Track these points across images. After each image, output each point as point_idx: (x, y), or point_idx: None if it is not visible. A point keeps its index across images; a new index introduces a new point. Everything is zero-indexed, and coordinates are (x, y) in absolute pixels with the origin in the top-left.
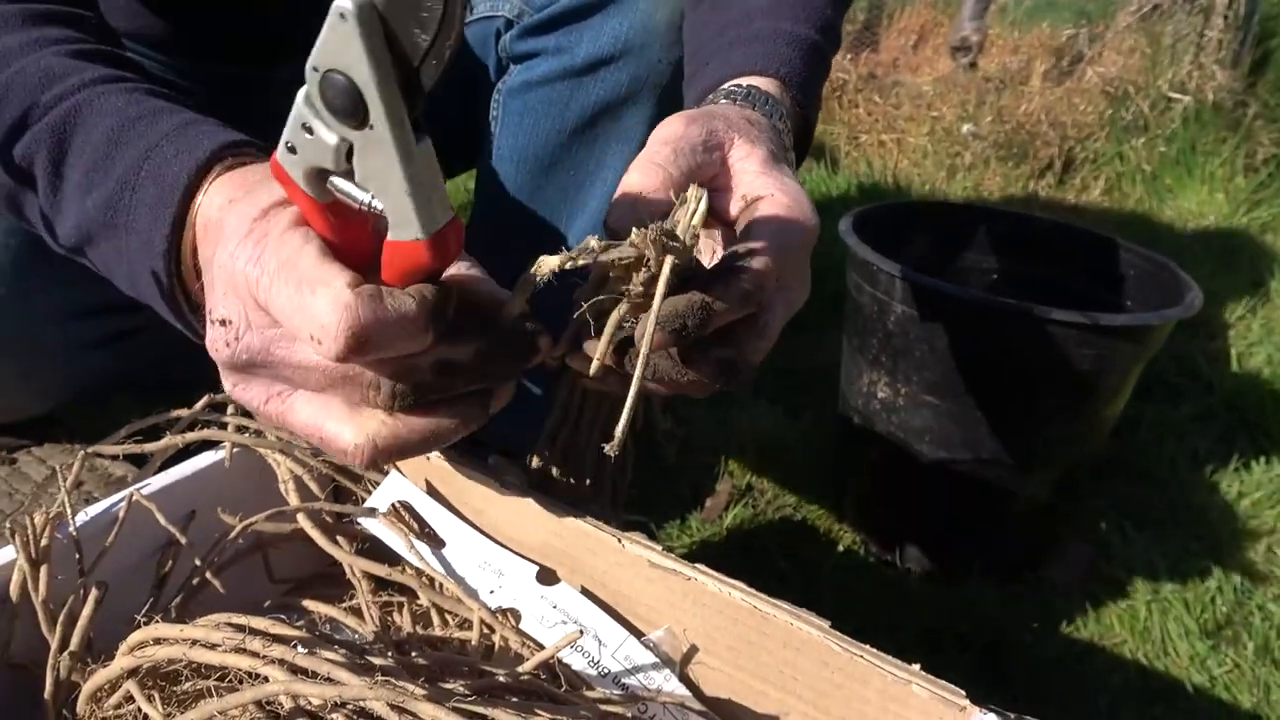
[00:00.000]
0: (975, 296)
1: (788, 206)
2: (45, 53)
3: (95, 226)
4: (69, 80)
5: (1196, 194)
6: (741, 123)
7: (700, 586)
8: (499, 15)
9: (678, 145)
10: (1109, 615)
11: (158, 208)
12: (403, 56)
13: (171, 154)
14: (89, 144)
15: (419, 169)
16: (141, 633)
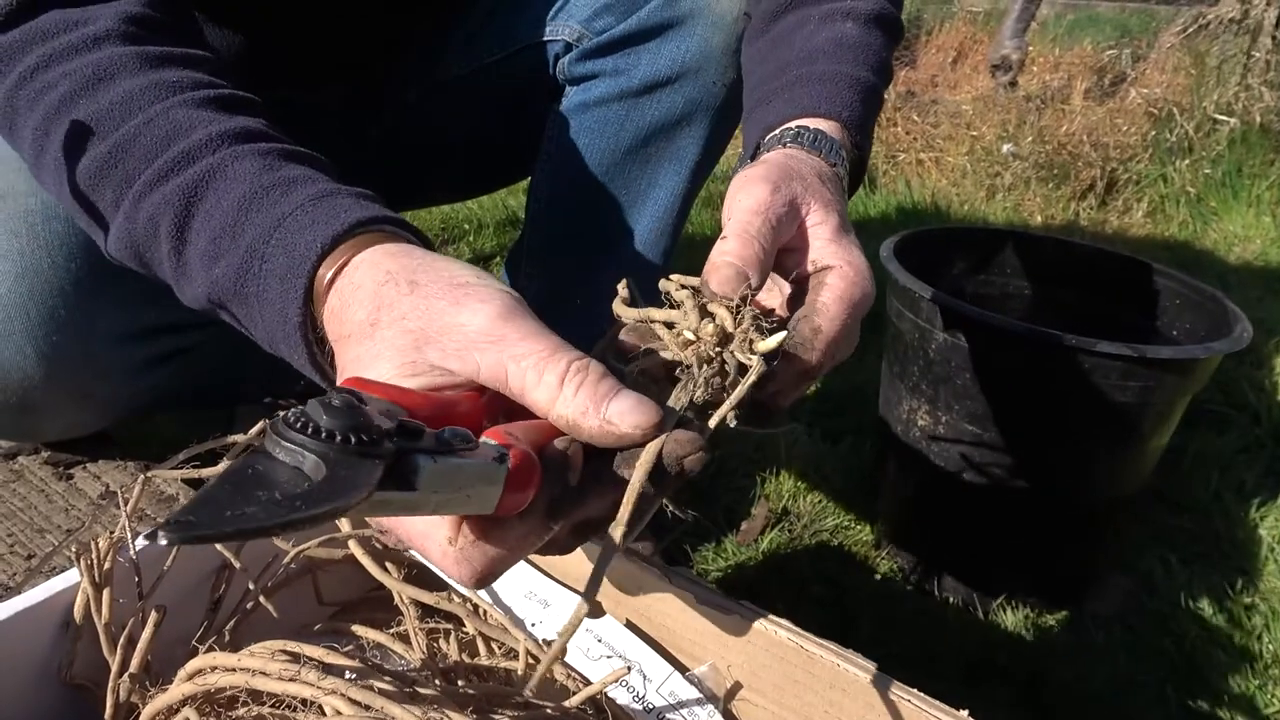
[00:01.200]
0: (1018, 327)
1: (853, 281)
2: (172, 101)
3: (225, 295)
4: (195, 135)
5: (1242, 217)
6: (815, 182)
7: (745, 624)
8: (559, 39)
9: (767, 217)
10: (1151, 650)
11: (288, 279)
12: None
13: (306, 222)
14: (218, 211)
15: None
16: (199, 660)
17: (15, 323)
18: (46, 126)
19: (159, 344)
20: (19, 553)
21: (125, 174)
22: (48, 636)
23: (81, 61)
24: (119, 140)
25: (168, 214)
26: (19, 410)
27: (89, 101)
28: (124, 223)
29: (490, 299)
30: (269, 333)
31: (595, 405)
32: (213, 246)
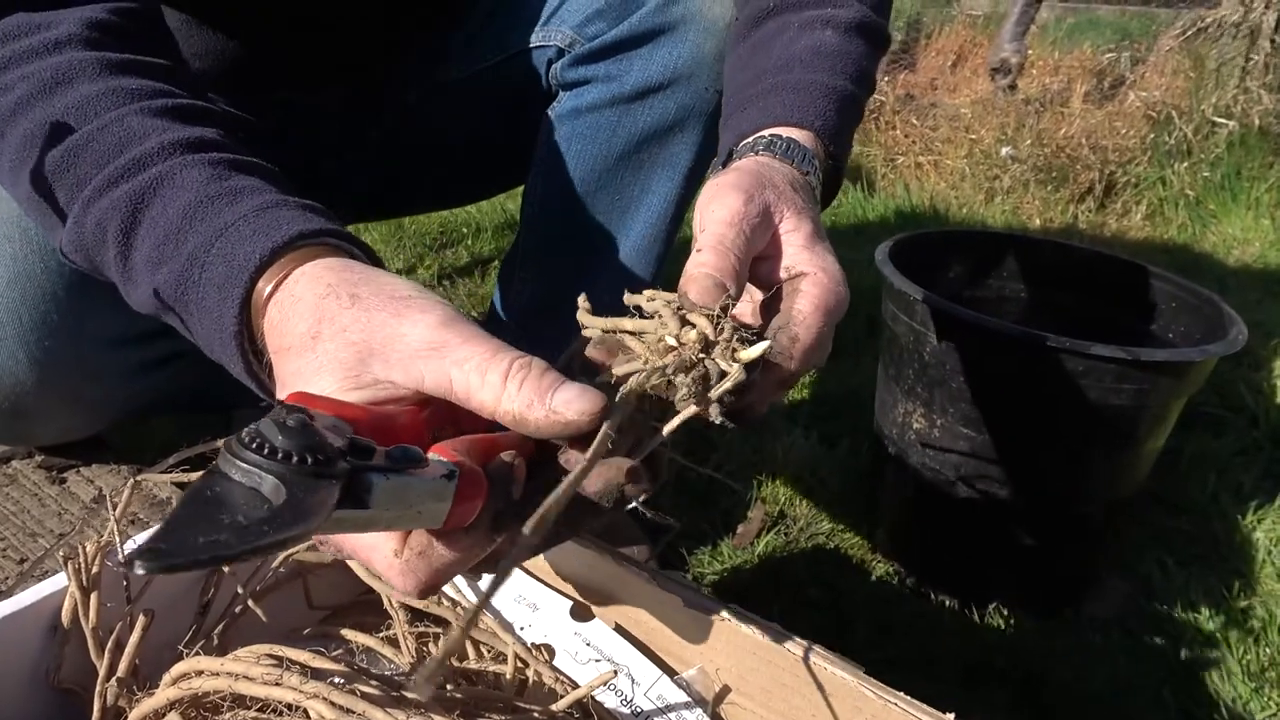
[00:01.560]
0: (1013, 330)
1: (828, 288)
2: (128, 109)
3: (168, 300)
4: (148, 142)
5: (1241, 220)
6: (788, 190)
7: (733, 627)
8: (551, 44)
9: (741, 227)
10: (1149, 653)
11: (226, 288)
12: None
13: (248, 233)
14: (164, 217)
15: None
16: (185, 664)
17: (7, 327)
18: (2, 128)
19: (152, 348)
20: (11, 557)
21: (77, 178)
22: (36, 640)
23: (41, 65)
24: (72, 144)
25: (115, 219)
26: (11, 415)
27: (45, 105)
28: (74, 226)
29: (430, 309)
30: (207, 340)
31: (540, 397)
32: (156, 252)
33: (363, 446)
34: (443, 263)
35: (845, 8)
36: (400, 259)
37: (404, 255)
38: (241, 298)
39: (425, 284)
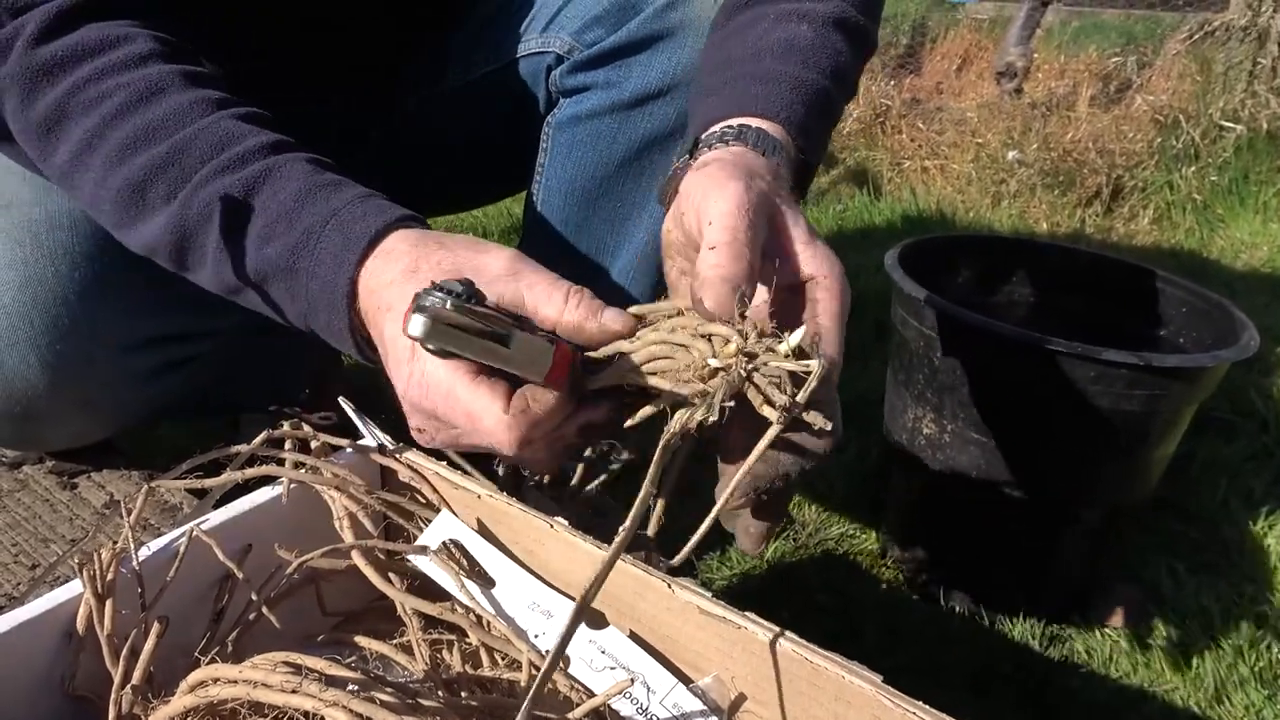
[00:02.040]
0: (1024, 335)
1: (838, 294)
2: (220, 114)
3: (272, 271)
4: (248, 141)
5: (1249, 224)
6: (774, 183)
7: (750, 635)
8: (549, 51)
9: (750, 220)
10: (1160, 660)
11: (342, 254)
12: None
13: (359, 214)
14: (274, 201)
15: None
16: (201, 671)
17: (19, 331)
18: (101, 130)
19: (163, 353)
20: (23, 562)
21: (182, 170)
22: (50, 648)
23: (134, 75)
24: (176, 143)
25: (227, 202)
26: (23, 419)
27: (146, 110)
28: (178, 210)
29: (503, 249)
30: (310, 303)
31: (593, 314)
32: (267, 230)
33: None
34: None
35: (824, 2)
36: None
37: None
38: (355, 262)
39: None
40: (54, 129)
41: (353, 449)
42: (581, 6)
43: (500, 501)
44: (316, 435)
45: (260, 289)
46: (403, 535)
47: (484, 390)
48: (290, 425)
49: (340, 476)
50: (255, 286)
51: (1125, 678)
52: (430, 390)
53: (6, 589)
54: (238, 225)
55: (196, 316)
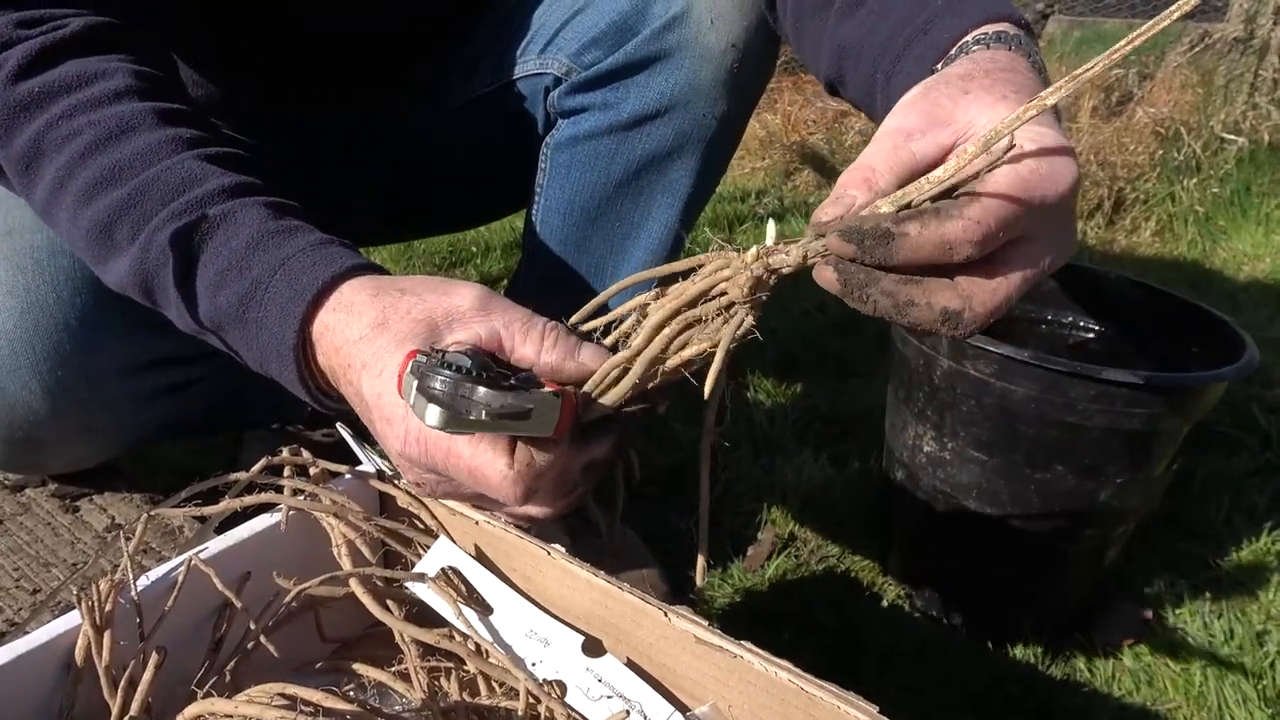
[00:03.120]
0: (1023, 354)
1: (1034, 154)
2: (185, 155)
3: (225, 320)
4: (209, 184)
5: (1251, 236)
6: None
7: (746, 665)
8: (547, 72)
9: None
10: (1163, 679)
11: (289, 306)
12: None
13: (308, 264)
14: (227, 248)
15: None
16: (197, 706)
17: (21, 357)
18: (71, 168)
19: (164, 376)
20: (24, 587)
21: (143, 212)
22: (49, 679)
23: (106, 113)
24: (139, 184)
25: (180, 248)
26: (25, 444)
27: (114, 149)
28: (138, 253)
29: (469, 286)
30: (261, 353)
31: (571, 353)
32: (219, 278)
33: (522, 375)
34: None
35: None
36: None
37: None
38: (303, 315)
39: None
40: (31, 165)
41: (351, 475)
42: (579, 28)
43: (498, 528)
44: (315, 461)
45: (219, 336)
46: (401, 561)
47: (485, 447)
48: (290, 451)
49: (339, 503)
50: (214, 333)
51: (1128, 697)
52: (429, 448)
53: (8, 614)
54: (191, 271)
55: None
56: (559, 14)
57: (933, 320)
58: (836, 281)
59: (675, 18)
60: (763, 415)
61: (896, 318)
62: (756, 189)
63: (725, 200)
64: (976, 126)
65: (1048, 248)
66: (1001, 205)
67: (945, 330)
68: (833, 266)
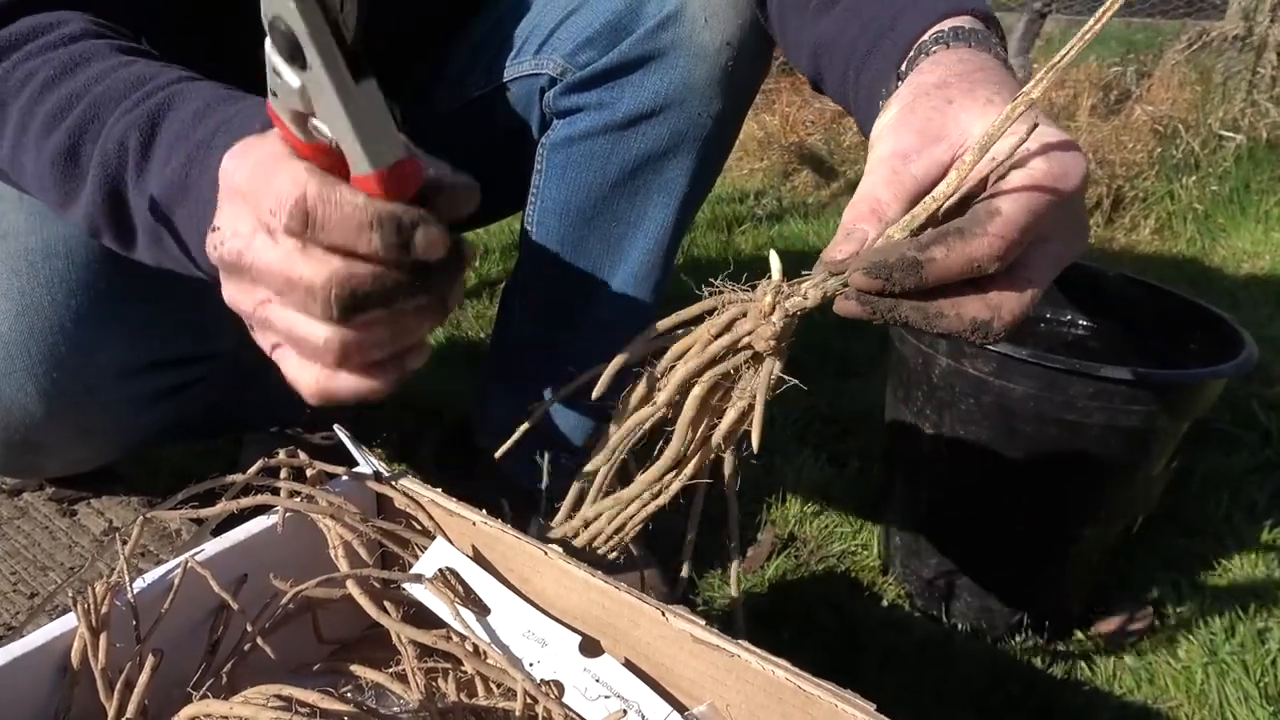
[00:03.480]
0: (1021, 352)
1: (1041, 154)
2: (140, 63)
3: (174, 190)
4: (159, 79)
5: (1251, 233)
6: (967, 85)
7: (744, 664)
8: (543, 73)
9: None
10: (1163, 677)
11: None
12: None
13: (250, 116)
14: (177, 120)
15: (359, 106)
16: (193, 707)
17: (16, 361)
18: (30, 107)
19: (161, 378)
20: (22, 591)
21: (101, 120)
22: (45, 681)
23: (61, 52)
24: (94, 99)
25: (134, 134)
26: (22, 447)
27: (70, 80)
28: (99, 160)
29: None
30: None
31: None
32: (166, 152)
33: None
34: None
35: None
36: None
37: None
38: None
39: None
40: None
41: (348, 476)
42: (574, 29)
43: (495, 529)
44: (312, 463)
45: (169, 224)
46: (398, 563)
47: (297, 159)
48: (286, 453)
49: (335, 505)
50: (166, 222)
51: (1129, 695)
52: (248, 153)
53: (5, 618)
54: (147, 156)
55: (193, 341)
56: (554, 15)
57: (963, 329)
58: (862, 310)
59: (669, 16)
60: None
61: (926, 328)
62: (755, 190)
63: (724, 201)
64: (971, 136)
65: (1067, 245)
66: (1021, 213)
67: (975, 338)
68: (855, 300)
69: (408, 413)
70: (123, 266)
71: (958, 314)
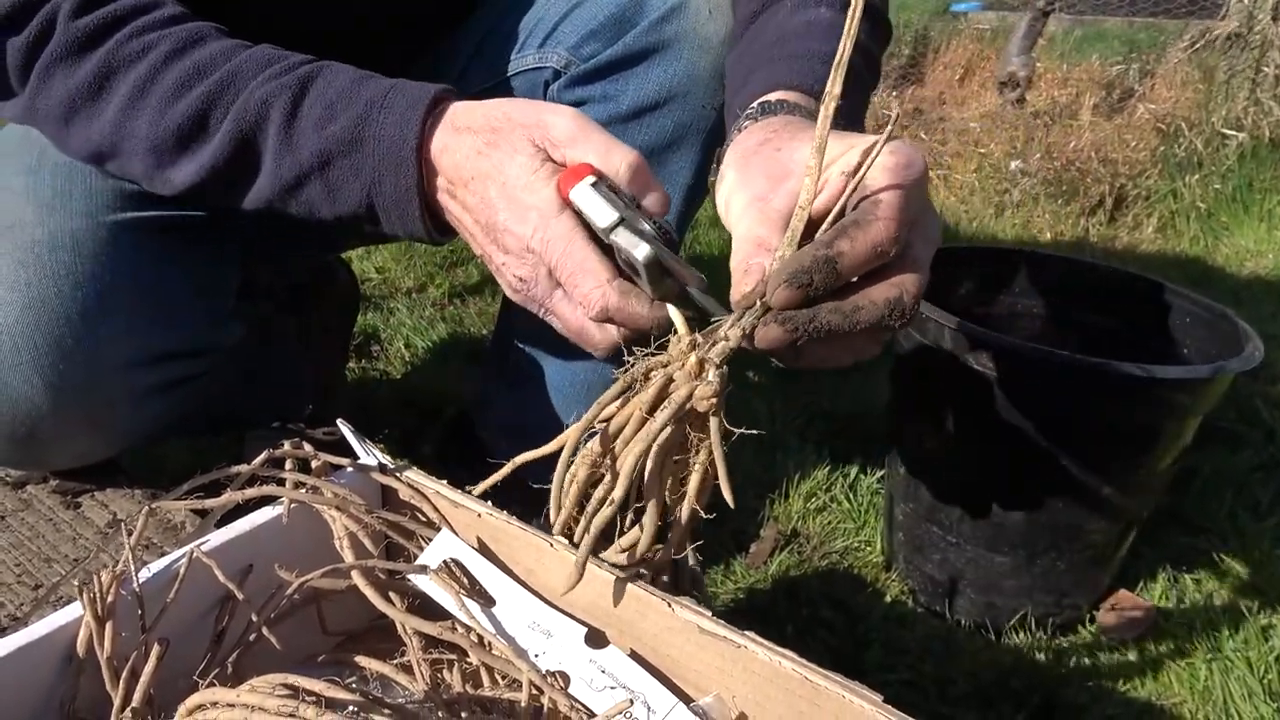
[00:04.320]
0: (1026, 347)
1: (887, 151)
2: (262, 47)
3: (337, 147)
4: (291, 59)
5: (1254, 232)
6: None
7: (750, 655)
8: (547, 66)
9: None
10: (1167, 674)
11: (407, 114)
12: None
13: (413, 86)
14: (330, 89)
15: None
16: (199, 695)
17: (22, 353)
18: (152, 75)
19: (166, 371)
20: (26, 582)
21: (237, 92)
22: (51, 671)
23: (174, 29)
24: (228, 71)
25: (283, 95)
26: (27, 440)
27: (193, 53)
28: (232, 122)
29: (565, 110)
30: (375, 172)
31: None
32: (327, 112)
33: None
34: (453, 281)
35: None
36: (411, 277)
37: (414, 274)
38: (420, 119)
39: (436, 303)
40: (104, 85)
41: (353, 468)
42: (578, 21)
43: (500, 520)
44: (317, 455)
45: (321, 174)
46: (403, 554)
47: (596, 256)
48: (291, 444)
49: (340, 496)
50: (316, 172)
51: (1133, 691)
52: (553, 242)
53: (9, 609)
54: (294, 115)
55: (198, 333)
56: (558, 8)
57: (881, 314)
58: (784, 332)
59: (673, 9)
60: (764, 412)
61: (849, 327)
62: None
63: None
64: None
65: (931, 225)
66: (897, 198)
67: (894, 319)
68: (776, 323)
69: (410, 409)
70: (129, 259)
71: (871, 301)
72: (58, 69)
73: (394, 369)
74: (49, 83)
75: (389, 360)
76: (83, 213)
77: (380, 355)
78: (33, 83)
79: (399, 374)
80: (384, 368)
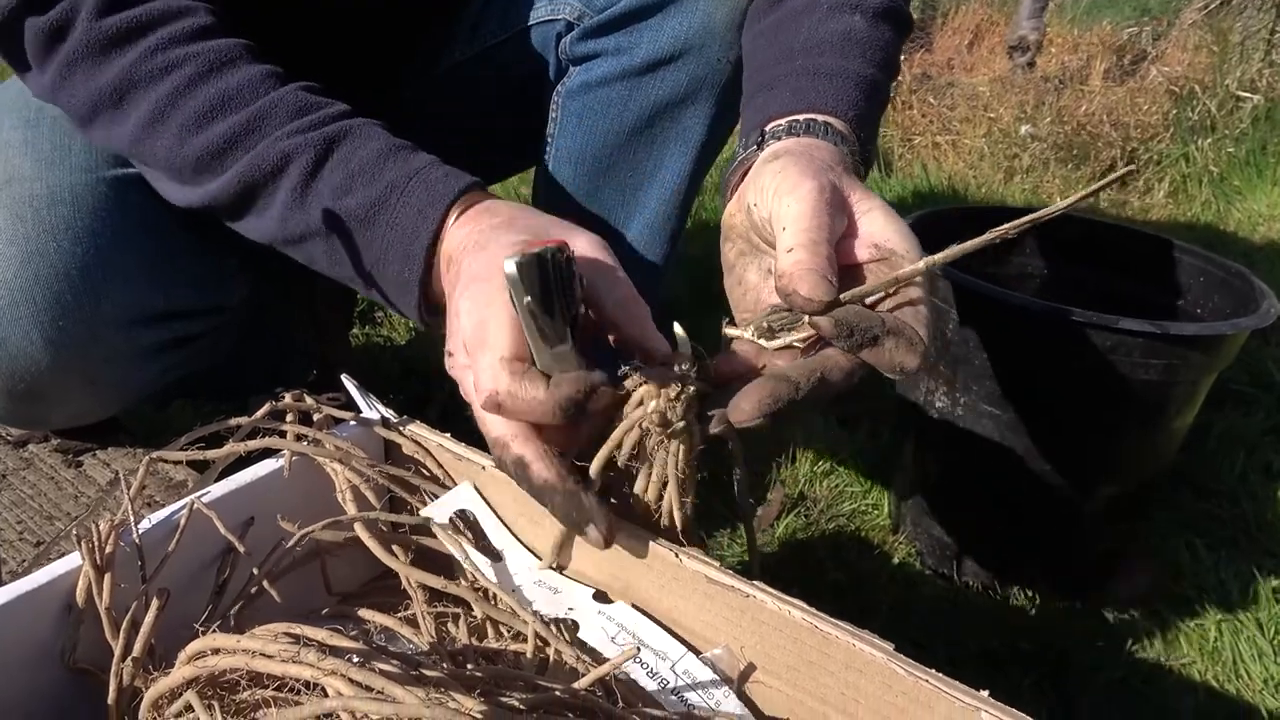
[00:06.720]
0: (1037, 305)
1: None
2: (293, 86)
3: (348, 220)
4: (326, 109)
5: (1267, 196)
6: (843, 171)
7: (759, 604)
8: (559, 18)
9: (823, 219)
10: (1177, 635)
11: (426, 209)
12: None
13: (441, 175)
14: (354, 157)
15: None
16: (200, 642)
17: (21, 308)
18: (174, 98)
19: (167, 329)
20: (28, 539)
21: (263, 133)
22: (50, 620)
23: (201, 46)
24: (257, 110)
25: (306, 153)
26: (27, 397)
27: (219, 80)
28: (252, 164)
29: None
30: (383, 254)
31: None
32: (347, 182)
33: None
34: None
35: None
36: None
37: None
38: (439, 218)
39: None
40: (125, 97)
41: (356, 422)
42: None
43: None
44: (319, 408)
45: (327, 239)
46: (406, 508)
47: (508, 335)
48: (293, 397)
49: (343, 449)
50: (323, 236)
51: (1142, 651)
52: (475, 308)
53: (11, 565)
54: (314, 176)
55: (199, 292)
56: None
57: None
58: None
59: None
60: None
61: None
62: None
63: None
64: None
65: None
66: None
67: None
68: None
69: (413, 377)
70: (129, 215)
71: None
72: (79, 68)
73: (398, 335)
74: (71, 80)
75: (393, 327)
76: (82, 168)
77: (384, 322)
78: (54, 76)
79: (403, 340)
80: (388, 334)
